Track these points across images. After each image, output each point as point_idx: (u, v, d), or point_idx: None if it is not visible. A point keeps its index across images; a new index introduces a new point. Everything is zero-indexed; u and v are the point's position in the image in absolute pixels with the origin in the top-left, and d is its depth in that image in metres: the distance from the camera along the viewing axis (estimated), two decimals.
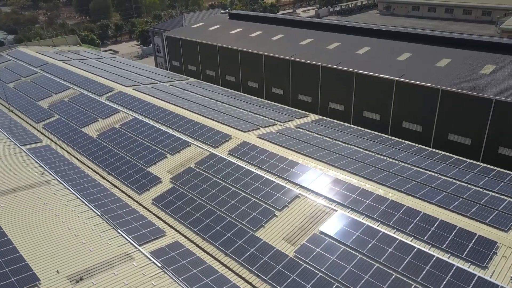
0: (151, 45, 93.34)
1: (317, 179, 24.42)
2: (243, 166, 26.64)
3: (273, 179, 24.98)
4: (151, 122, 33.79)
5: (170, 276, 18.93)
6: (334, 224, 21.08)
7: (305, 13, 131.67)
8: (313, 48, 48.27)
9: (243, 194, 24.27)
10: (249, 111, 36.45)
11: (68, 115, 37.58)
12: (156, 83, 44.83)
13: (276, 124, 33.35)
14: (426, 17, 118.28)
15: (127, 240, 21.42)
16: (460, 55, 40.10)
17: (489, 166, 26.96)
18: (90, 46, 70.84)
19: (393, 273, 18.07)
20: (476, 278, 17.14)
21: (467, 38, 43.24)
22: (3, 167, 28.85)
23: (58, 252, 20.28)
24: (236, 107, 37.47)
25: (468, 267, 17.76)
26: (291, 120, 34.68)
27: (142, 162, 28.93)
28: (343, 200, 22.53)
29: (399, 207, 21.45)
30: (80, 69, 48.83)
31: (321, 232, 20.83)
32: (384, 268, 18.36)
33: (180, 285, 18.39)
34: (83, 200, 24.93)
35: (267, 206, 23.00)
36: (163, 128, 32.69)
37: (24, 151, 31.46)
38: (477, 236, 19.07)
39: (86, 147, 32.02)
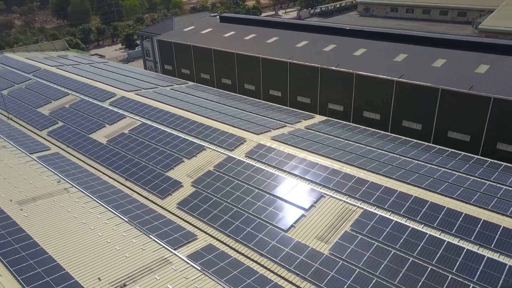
0: (137, 49, 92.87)
1: (339, 179, 25.14)
2: (263, 168, 27.12)
3: (295, 180, 25.58)
4: (161, 127, 33.81)
5: (211, 279, 19.23)
6: (363, 222, 21.84)
7: (286, 15, 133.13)
8: (309, 50, 49.16)
9: (268, 195, 24.76)
10: (257, 114, 36.92)
11: (72, 122, 37.12)
12: (157, 87, 44.74)
13: (286, 126, 33.96)
14: (404, 18, 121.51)
15: (161, 244, 21.57)
16: (454, 55, 41.76)
17: (496, 161, 28.33)
18: (79, 51, 69.71)
19: (428, 266, 18.95)
20: (507, 267, 18.19)
21: (460, 39, 45.04)
22: (17, 176, 28.38)
23: (94, 259, 20.25)
24: (243, 110, 37.88)
25: (498, 257, 18.81)
26: (299, 122, 35.35)
27: (160, 167, 28.99)
28: (367, 198, 23.33)
29: (423, 203, 22.40)
30: (76, 74, 48.19)
31: (352, 230, 21.55)
32: (418, 262, 19.20)
33: (224, 287, 18.72)
34: (107, 207, 24.87)
35: (294, 207, 23.56)
36: (175, 132, 32.78)
37: (35, 159, 30.98)
38: (501, 227, 20.18)
39: (98, 154, 31.79)
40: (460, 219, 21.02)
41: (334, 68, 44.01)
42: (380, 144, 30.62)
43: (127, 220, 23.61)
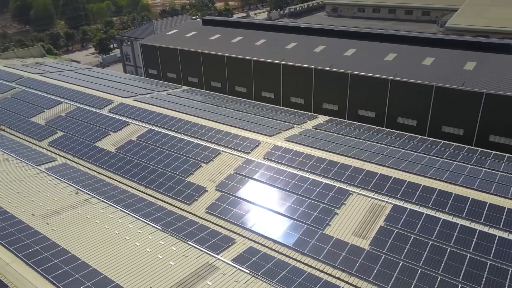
0: (111, 54, 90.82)
1: (362, 176, 26.02)
2: (285, 169, 27.60)
3: (320, 179, 26.23)
4: (170, 133, 33.56)
5: (263, 281, 19.51)
6: (396, 216, 22.80)
7: (257, 16, 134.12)
8: (300, 51, 50.08)
9: (296, 195, 25.26)
10: (262, 116, 37.31)
11: (73, 131, 36.08)
12: (152, 92, 44.17)
13: (294, 127, 34.57)
14: (371, 17, 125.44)
15: (202, 250, 21.59)
16: (442, 53, 43.90)
17: (499, 153, 30.20)
18: (57, 57, 67.33)
19: (466, 254, 20.11)
20: None
21: (446, 38, 47.38)
22: (30, 189, 27.39)
23: (141, 269, 20.01)
24: (248, 113, 38.16)
25: None
26: (305, 122, 36.05)
27: (179, 173, 28.82)
28: (394, 193, 24.33)
29: (448, 195, 23.64)
30: (64, 82, 46.76)
31: (386, 224, 22.44)
32: (456, 251, 20.33)
33: (277, 287, 19.06)
34: (135, 216, 24.52)
35: (325, 206, 24.20)
36: (186, 138, 32.64)
37: (44, 171, 29.97)
38: None
39: (110, 162, 31.15)
40: (486, 208, 22.39)
41: (328, 68, 45.12)
42: (390, 141, 31.84)
43: (160, 228, 23.41)
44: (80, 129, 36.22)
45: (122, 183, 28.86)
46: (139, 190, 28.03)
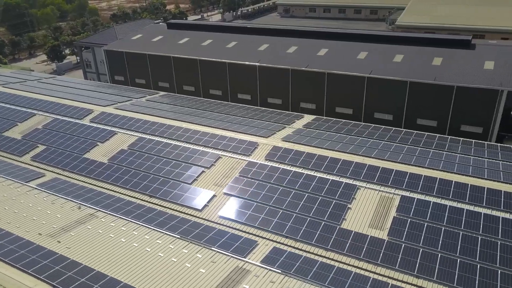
0: (66, 61, 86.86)
1: (366, 171, 27.18)
2: (289, 169, 28.17)
3: (327, 176, 27.07)
4: (163, 140, 33.02)
5: (297, 279, 19.93)
6: (406, 206, 24.09)
7: (211, 18, 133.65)
8: (273, 52, 50.90)
9: (307, 194, 25.91)
10: (250, 118, 37.61)
11: (56, 144, 34.39)
12: (131, 99, 43.01)
13: (285, 127, 35.21)
14: (322, 17, 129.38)
15: (229, 255, 21.60)
16: (410, 51, 46.50)
17: (478, 141, 32.66)
18: (14, 67, 63.35)
19: (478, 236, 21.73)
20: None
21: (412, 36, 50.13)
22: (27, 208, 25.91)
23: (174, 279, 19.69)
24: (235, 115, 38.26)
25: None
26: (294, 122, 36.80)
27: (182, 180, 28.49)
28: (399, 185, 25.66)
29: (448, 183, 25.34)
30: (32, 92, 44.34)
31: (399, 215, 23.67)
32: (468, 234, 21.90)
33: (312, 284, 19.57)
34: (149, 227, 24.00)
35: (338, 201, 25.06)
36: (180, 144, 32.28)
37: (35, 188, 28.41)
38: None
39: (106, 174, 30.10)
40: (485, 193, 24.28)
41: (304, 68, 46.27)
42: (380, 135, 33.35)
43: (178, 236, 23.10)
44: (64, 142, 34.60)
45: (125, 194, 28.03)
46: (144, 200, 27.38)
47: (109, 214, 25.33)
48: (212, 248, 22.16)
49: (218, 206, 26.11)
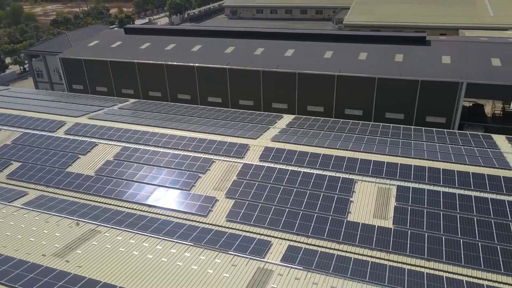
0: (8, 71, 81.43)
1: (359, 165, 28.44)
2: (286, 168, 28.77)
3: (323, 173, 27.98)
4: (149, 148, 32.32)
5: (320, 274, 20.57)
6: (404, 195, 25.59)
7: (160, 22, 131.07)
8: (241, 55, 51.25)
9: (309, 191, 26.66)
10: (231, 120, 37.72)
11: (32, 159, 32.45)
12: (103, 108, 41.44)
13: (269, 127, 35.73)
14: (269, 18, 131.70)
15: (248, 257, 21.79)
16: (373, 48, 48.87)
17: (449, 130, 35.22)
18: None
19: (473, 217, 23.61)
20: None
21: (373, 34, 52.61)
22: (20, 229, 24.37)
23: (202, 287, 19.57)
24: (216, 119, 38.19)
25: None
26: (276, 122, 37.44)
27: (180, 187, 28.12)
28: (393, 176, 27.16)
29: (437, 171, 27.22)
30: None
31: (399, 203, 25.10)
32: (464, 216, 23.74)
33: (335, 277, 20.30)
34: (159, 237, 23.53)
35: (340, 196, 26.04)
36: (169, 151, 31.77)
37: (22, 207, 26.75)
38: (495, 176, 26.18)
39: (96, 187, 28.93)
40: (471, 177, 26.39)
41: (275, 69, 47.10)
42: (361, 130, 34.90)
43: (191, 244, 22.88)
44: (40, 157, 32.72)
45: (122, 206, 27.15)
46: (144, 211, 26.72)
47: (112, 228, 24.47)
48: (229, 252, 22.22)
49: (223, 210, 26.11)
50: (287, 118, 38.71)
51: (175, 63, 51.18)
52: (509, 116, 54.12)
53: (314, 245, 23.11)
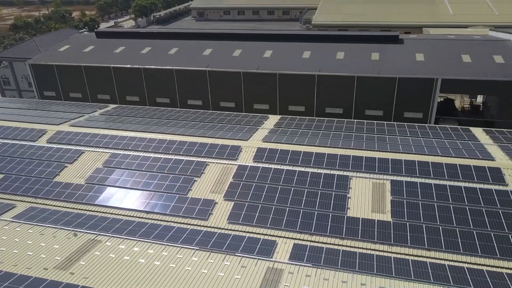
0: None
1: (352, 162, 29.17)
2: (281, 168, 29.08)
3: (319, 171, 28.51)
4: (140, 154, 31.80)
5: (329, 269, 21.00)
6: (398, 189, 26.49)
7: (124, 24, 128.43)
8: (219, 57, 51.20)
9: (306, 189, 27.08)
10: (218, 123, 37.66)
11: (15, 170, 31.17)
12: (83, 115, 40.28)
13: (258, 129, 35.93)
14: (237, 19, 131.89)
15: (256, 258, 21.91)
16: (350, 48, 50.07)
17: (428, 125, 36.69)
18: None
19: (465, 207, 24.78)
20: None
21: (350, 34, 53.88)
22: (14, 243, 23.41)
23: None
24: (203, 121, 37.98)
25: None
26: (262, 123, 37.68)
27: (176, 192, 27.85)
28: (385, 171, 28.04)
29: (426, 164, 28.33)
30: None
31: (394, 197, 25.95)
32: (459, 206, 24.87)
33: (346, 271, 20.80)
34: (162, 243, 23.24)
35: (337, 192, 26.64)
36: (160, 156, 31.39)
37: (12, 221, 25.69)
38: (474, 166, 27.62)
39: (89, 195, 28.17)
40: (458, 169, 27.67)
41: (256, 71, 47.40)
42: (347, 128, 35.74)
43: (197, 248, 22.76)
44: (24, 167, 31.48)
45: (119, 214, 26.57)
46: (142, 217, 26.28)
47: (113, 236, 23.95)
48: (237, 254, 22.28)
49: (223, 213, 26.10)
50: (274, 119, 39.06)
51: (152, 66, 50.50)
52: (477, 109, 56.97)
53: (319, 242, 23.55)
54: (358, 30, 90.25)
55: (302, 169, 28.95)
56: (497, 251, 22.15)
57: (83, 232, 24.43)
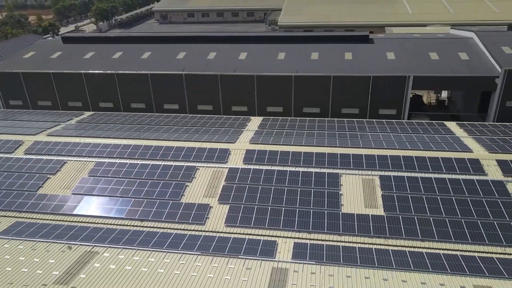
0: None
1: (340, 159, 29.93)
2: (272, 168, 29.41)
3: (310, 170, 29.06)
4: (126, 161, 31.22)
5: (332, 265, 21.51)
6: (387, 184, 27.45)
7: (86, 29, 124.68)
8: (194, 60, 50.90)
9: (299, 188, 27.52)
10: (201, 126, 37.48)
11: None
12: (59, 123, 38.94)
13: (242, 131, 36.07)
14: (201, 22, 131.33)
15: (259, 259, 22.10)
16: (323, 48, 51.11)
17: (400, 121, 38.18)
18: None
19: (451, 197, 26.06)
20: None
21: (322, 35, 54.90)
22: (6, 261, 22.45)
23: None
24: (184, 126, 37.68)
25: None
26: (246, 125, 37.90)
27: (169, 198, 27.56)
28: (373, 167, 29.01)
29: (410, 158, 29.52)
30: None
31: (385, 192, 26.88)
32: (445, 197, 26.10)
33: (349, 266, 21.39)
34: (162, 250, 22.99)
35: (329, 190, 27.25)
36: (148, 162, 30.94)
37: (0, 238, 24.52)
38: (454, 158, 29.14)
39: (78, 206, 27.34)
40: (441, 161, 29.04)
41: (233, 73, 47.50)
42: (329, 127, 36.57)
43: (199, 253, 22.66)
44: (3, 181, 30.11)
45: (112, 224, 25.97)
46: (137, 226, 25.82)
47: (110, 247, 23.41)
48: (240, 257, 22.38)
49: (219, 216, 26.09)
50: (256, 120, 39.34)
51: (126, 71, 49.49)
52: (442, 103, 59.75)
53: (318, 240, 24.05)
54: (323, 30, 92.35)
55: (293, 168, 29.41)
56: (485, 237, 23.47)
57: (77, 244, 23.73)
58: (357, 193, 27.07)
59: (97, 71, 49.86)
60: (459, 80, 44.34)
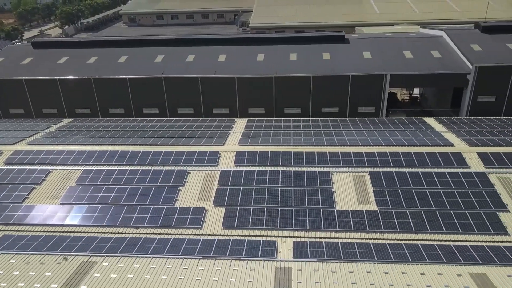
0: None
1: (330, 158, 30.52)
2: (264, 169, 29.60)
3: (301, 169, 29.45)
4: (113, 168, 30.62)
5: (334, 262, 21.95)
6: (378, 180, 28.22)
7: (51, 33, 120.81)
8: (173, 62, 50.51)
9: (292, 188, 27.89)
10: (187, 129, 37.22)
11: None
12: (38, 131, 37.71)
13: (229, 133, 36.11)
14: (171, 24, 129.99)
15: (262, 259, 22.22)
16: (301, 49, 51.82)
17: (382, 118, 39.32)
18: None
19: (439, 190, 27.11)
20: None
21: (299, 35, 55.61)
22: (5, 277, 21.52)
23: None
24: (169, 130, 37.34)
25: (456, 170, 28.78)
26: (232, 127, 37.90)
27: (162, 204, 27.25)
28: (362, 164, 29.74)
29: (397, 154, 30.47)
30: None
31: (376, 188, 27.63)
32: (433, 190, 27.11)
33: (350, 261, 21.89)
34: (163, 256, 22.72)
35: (323, 188, 27.76)
36: (137, 168, 30.49)
37: None
38: (438, 153, 30.36)
39: (68, 216, 26.59)
40: (426, 156, 30.13)
41: (214, 76, 47.44)
42: (315, 126, 37.17)
43: (200, 257, 22.57)
44: None
45: (107, 232, 25.40)
46: (133, 233, 25.39)
47: (108, 256, 22.94)
48: (242, 258, 22.46)
49: (216, 219, 26.04)
50: (242, 122, 39.44)
51: (103, 76, 48.51)
52: (415, 100, 61.85)
53: (316, 237, 24.44)
54: (294, 31, 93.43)
55: (284, 168, 29.74)
56: (474, 227, 24.56)
57: (73, 255, 23.11)
58: (349, 190, 27.69)
59: (72, 77, 48.61)
60: (433, 77, 46.08)
